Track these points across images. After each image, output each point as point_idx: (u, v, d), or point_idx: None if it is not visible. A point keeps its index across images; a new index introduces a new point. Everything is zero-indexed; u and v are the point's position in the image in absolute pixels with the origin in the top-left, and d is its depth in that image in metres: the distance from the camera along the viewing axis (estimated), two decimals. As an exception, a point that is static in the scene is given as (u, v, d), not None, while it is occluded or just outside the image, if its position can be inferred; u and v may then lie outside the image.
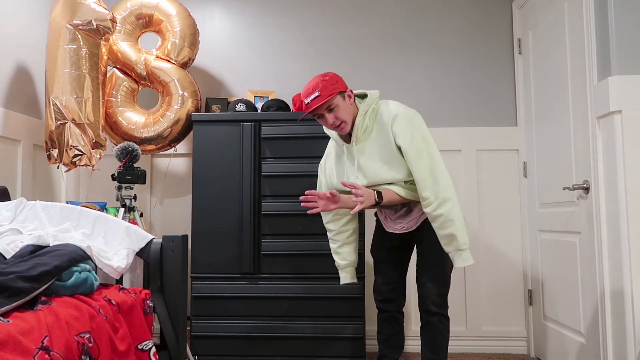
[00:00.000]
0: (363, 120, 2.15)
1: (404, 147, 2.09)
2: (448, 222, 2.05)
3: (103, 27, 2.76)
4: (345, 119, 2.13)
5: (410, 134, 2.09)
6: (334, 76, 2.14)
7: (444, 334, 2.18)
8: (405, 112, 2.14)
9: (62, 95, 2.68)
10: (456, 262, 2.09)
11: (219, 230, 2.90)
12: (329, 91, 2.08)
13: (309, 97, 2.10)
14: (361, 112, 2.15)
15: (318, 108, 2.10)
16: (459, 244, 2.06)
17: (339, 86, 2.12)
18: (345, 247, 2.38)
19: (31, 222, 2.05)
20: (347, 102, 2.15)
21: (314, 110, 2.11)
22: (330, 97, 2.07)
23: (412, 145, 2.08)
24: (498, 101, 3.39)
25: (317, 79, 2.12)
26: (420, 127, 2.13)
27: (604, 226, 2.31)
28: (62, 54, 2.69)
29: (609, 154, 2.26)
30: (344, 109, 2.13)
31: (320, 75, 2.14)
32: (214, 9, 3.55)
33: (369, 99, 2.18)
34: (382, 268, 2.35)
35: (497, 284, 3.29)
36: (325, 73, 2.16)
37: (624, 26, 2.23)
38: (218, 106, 3.22)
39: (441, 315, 2.17)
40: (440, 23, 3.45)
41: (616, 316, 2.23)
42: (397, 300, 2.34)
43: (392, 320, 2.34)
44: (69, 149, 2.70)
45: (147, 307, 1.88)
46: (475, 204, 3.32)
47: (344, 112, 2.12)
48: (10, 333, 1.22)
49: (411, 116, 2.14)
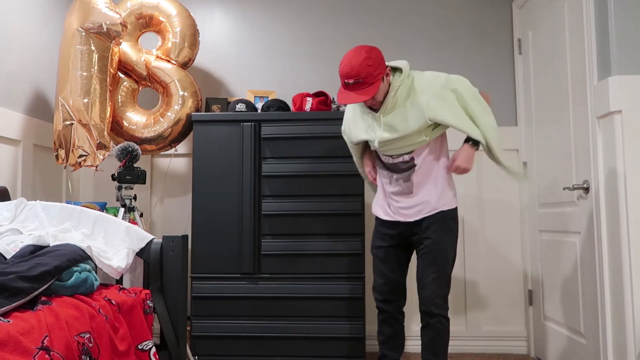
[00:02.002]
0: (394, 97, 2.13)
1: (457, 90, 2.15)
2: None
3: (114, 30, 2.79)
4: (381, 99, 2.14)
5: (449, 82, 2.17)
6: (377, 57, 2.07)
7: (444, 336, 2.17)
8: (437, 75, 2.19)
9: (71, 96, 2.71)
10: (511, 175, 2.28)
11: (219, 231, 2.90)
12: (374, 78, 2.04)
13: (350, 79, 2.04)
14: (393, 88, 2.13)
15: (356, 99, 2.05)
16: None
17: (381, 70, 2.07)
18: None
19: (31, 222, 2.05)
20: (386, 82, 2.13)
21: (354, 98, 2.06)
22: (376, 92, 2.06)
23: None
24: (498, 101, 3.39)
25: (360, 57, 2.03)
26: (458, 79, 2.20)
27: (604, 226, 2.31)
28: (73, 56, 2.72)
29: (609, 154, 2.26)
30: (382, 91, 2.12)
31: (364, 52, 2.04)
32: (214, 9, 3.56)
33: (403, 74, 2.15)
34: (382, 267, 2.33)
35: (497, 284, 3.29)
36: (369, 49, 2.06)
37: (624, 26, 2.23)
38: (218, 106, 3.22)
39: (442, 316, 2.16)
40: (440, 23, 3.45)
41: (616, 316, 2.22)
42: (397, 301, 2.33)
43: (393, 321, 2.33)
44: (75, 149, 2.71)
45: (147, 307, 1.88)
46: (475, 204, 3.32)
47: (381, 94, 2.13)
48: (11, 333, 1.23)
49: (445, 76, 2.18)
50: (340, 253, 2.83)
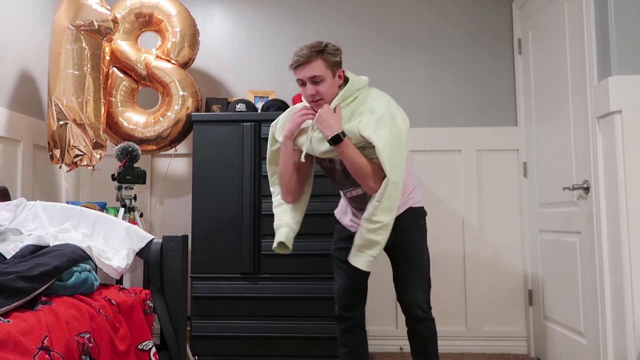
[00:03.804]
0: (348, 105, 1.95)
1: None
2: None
3: (105, 27, 2.76)
4: (325, 97, 1.93)
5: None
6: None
7: (433, 338, 2.09)
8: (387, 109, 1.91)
9: (64, 95, 2.69)
10: (354, 261, 1.91)
11: (219, 230, 2.89)
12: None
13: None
14: (337, 99, 1.94)
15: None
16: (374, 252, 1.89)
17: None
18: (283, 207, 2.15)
19: (31, 222, 2.05)
20: (335, 81, 1.95)
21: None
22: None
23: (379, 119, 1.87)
24: (498, 101, 3.39)
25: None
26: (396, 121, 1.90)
27: (604, 226, 2.31)
28: (64, 54, 2.69)
29: (609, 154, 2.26)
30: (330, 86, 1.93)
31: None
32: (214, 9, 3.55)
33: (350, 85, 1.96)
34: (346, 270, 2.08)
35: (497, 284, 3.28)
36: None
37: (624, 26, 2.23)
38: (218, 106, 3.22)
39: (427, 319, 2.06)
40: (440, 23, 3.45)
41: (616, 316, 2.22)
42: (359, 306, 2.16)
43: (357, 328, 2.15)
44: (71, 149, 2.70)
45: (147, 307, 1.88)
46: (475, 204, 3.32)
47: (328, 90, 1.93)
48: (11, 333, 1.23)
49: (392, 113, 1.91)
50: (340, 253, 2.82)
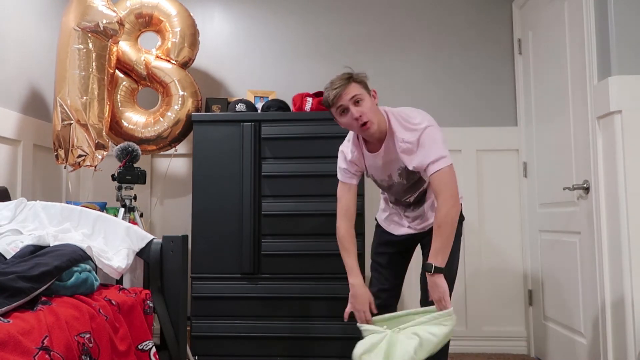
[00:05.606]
0: None
1: None
2: None
3: (110, 28, 2.78)
4: (371, 119, 1.92)
5: None
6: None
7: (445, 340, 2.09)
8: None
9: (69, 96, 2.70)
10: None
11: (219, 231, 2.89)
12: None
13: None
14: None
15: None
16: None
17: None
18: None
19: (31, 222, 2.05)
20: (374, 101, 1.97)
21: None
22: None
23: None
24: (498, 101, 3.39)
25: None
26: None
27: (604, 226, 2.31)
28: (71, 55, 2.71)
29: (609, 154, 2.26)
30: (371, 105, 1.94)
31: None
32: (214, 9, 3.55)
33: None
34: (384, 273, 2.24)
35: (497, 284, 3.28)
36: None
37: (624, 26, 2.23)
38: (218, 106, 3.22)
39: None
40: (440, 23, 3.45)
41: (616, 316, 2.22)
42: (393, 306, 2.25)
43: None
44: (74, 149, 2.71)
45: (147, 307, 1.87)
46: (475, 204, 3.32)
47: (370, 110, 1.92)
48: (11, 333, 1.22)
49: None
50: (340, 253, 2.82)
